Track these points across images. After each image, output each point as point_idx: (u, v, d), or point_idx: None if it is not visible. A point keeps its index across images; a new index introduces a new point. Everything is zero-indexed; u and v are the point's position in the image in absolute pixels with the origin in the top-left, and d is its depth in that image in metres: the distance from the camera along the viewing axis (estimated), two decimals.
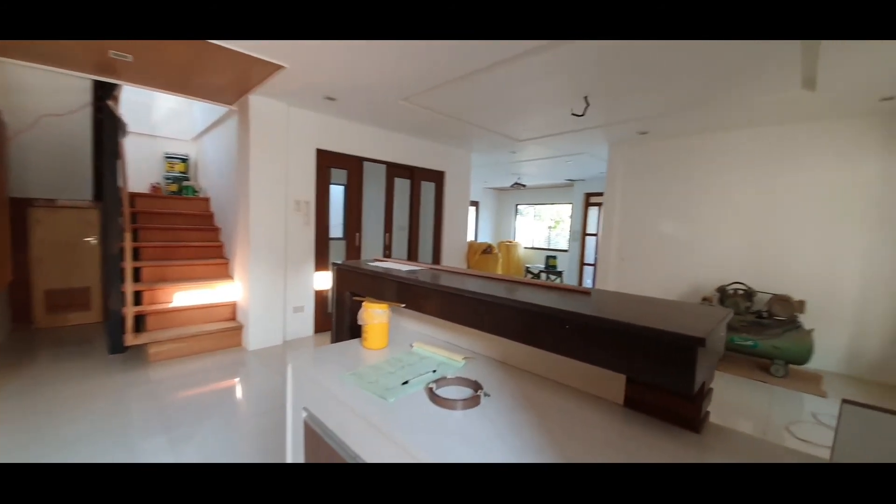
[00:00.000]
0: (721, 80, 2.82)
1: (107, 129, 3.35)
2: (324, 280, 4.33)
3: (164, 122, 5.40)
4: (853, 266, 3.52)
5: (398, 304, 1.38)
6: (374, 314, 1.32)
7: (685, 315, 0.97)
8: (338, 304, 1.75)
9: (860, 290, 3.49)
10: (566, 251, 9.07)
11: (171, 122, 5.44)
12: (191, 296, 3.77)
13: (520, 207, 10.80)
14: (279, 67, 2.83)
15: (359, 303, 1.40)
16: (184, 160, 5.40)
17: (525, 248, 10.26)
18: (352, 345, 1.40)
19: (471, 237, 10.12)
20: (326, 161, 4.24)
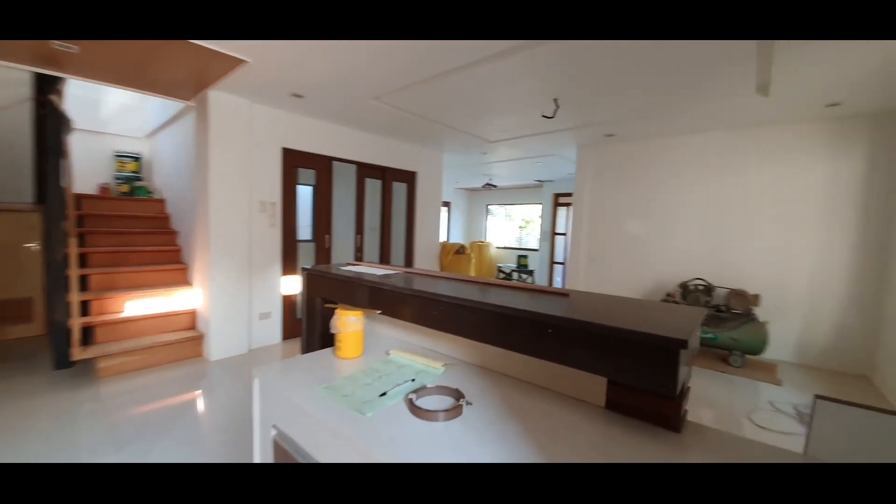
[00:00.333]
0: (681, 87, 2.94)
1: (50, 126, 3.07)
2: (292, 284, 4.16)
3: (114, 119, 5.02)
4: (803, 262, 3.76)
5: (373, 311, 1.32)
6: (348, 322, 1.26)
7: (664, 316, 0.98)
8: (308, 312, 1.67)
9: (809, 284, 3.73)
10: (537, 250, 9.22)
11: (122, 119, 5.07)
12: (145, 304, 3.52)
13: (491, 208, 10.89)
14: (241, 62, 2.69)
15: (330, 310, 1.33)
16: (136, 159, 5.05)
17: (497, 248, 10.35)
18: (324, 354, 1.33)
19: (443, 238, 10.11)
20: (293, 160, 4.08)
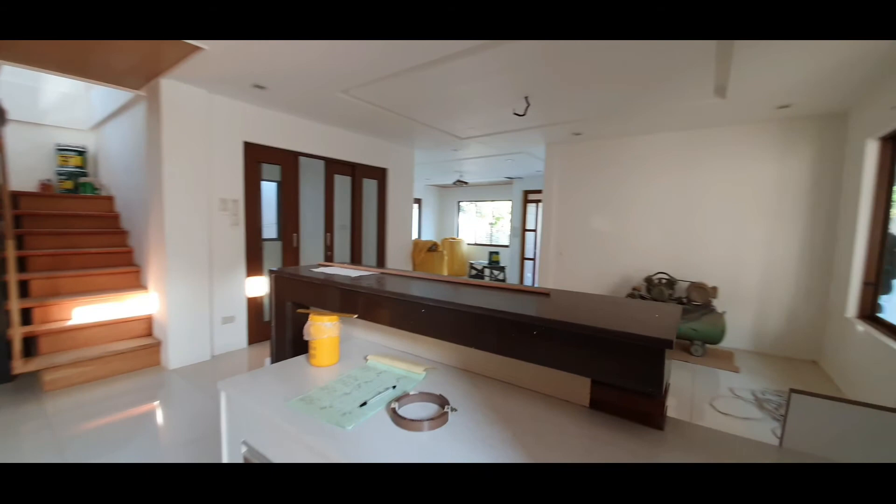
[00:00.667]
0: (642, 88, 3.04)
1: None
2: (258, 286, 3.98)
3: (55, 109, 4.58)
4: (755, 255, 3.99)
5: (350, 315, 1.26)
6: (323, 328, 1.19)
7: (645, 315, 0.98)
8: (277, 317, 1.58)
9: (761, 276, 3.97)
10: (507, 246, 9.33)
11: (64, 109, 4.63)
12: (94, 311, 3.25)
13: (462, 204, 10.91)
14: (196, 49, 2.50)
15: (302, 315, 1.25)
16: (80, 153, 4.64)
17: (468, 245, 10.38)
18: (297, 363, 1.25)
19: (415, 235, 10.02)
20: (256, 155, 3.88)
